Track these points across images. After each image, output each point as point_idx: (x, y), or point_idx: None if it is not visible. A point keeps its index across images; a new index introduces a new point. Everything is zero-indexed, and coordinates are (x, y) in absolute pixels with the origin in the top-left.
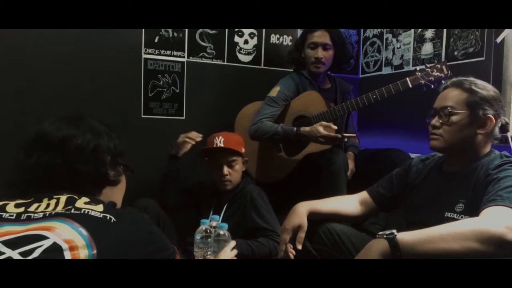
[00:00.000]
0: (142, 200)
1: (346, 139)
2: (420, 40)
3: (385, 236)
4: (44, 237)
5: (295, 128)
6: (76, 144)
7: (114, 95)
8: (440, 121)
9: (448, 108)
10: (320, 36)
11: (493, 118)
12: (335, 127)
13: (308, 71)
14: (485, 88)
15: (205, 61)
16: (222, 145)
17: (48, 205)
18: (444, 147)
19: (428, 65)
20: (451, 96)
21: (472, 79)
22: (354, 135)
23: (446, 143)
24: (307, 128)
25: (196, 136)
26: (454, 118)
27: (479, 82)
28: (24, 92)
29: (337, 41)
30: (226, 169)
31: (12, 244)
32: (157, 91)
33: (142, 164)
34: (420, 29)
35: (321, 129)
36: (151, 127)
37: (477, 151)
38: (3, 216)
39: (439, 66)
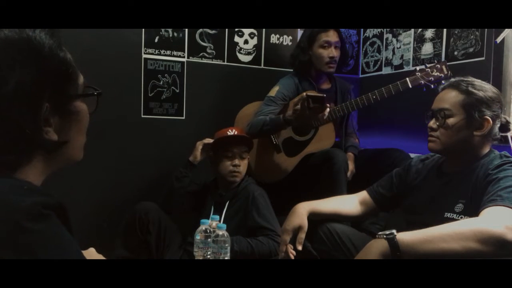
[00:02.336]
0: (143, 203)
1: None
2: (420, 40)
3: (385, 236)
4: None
5: (281, 115)
6: None
7: (114, 95)
8: (437, 123)
9: (445, 110)
10: (333, 35)
11: (490, 120)
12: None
13: (317, 71)
14: (482, 89)
15: (205, 61)
16: (237, 133)
17: None
18: (442, 149)
19: (428, 65)
20: (448, 98)
21: (470, 79)
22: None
23: (443, 145)
24: (290, 111)
25: (209, 139)
26: (450, 120)
27: (477, 83)
28: None
29: (342, 40)
30: (238, 160)
31: None
32: (157, 91)
33: (142, 164)
34: (420, 29)
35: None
36: (151, 127)
37: (475, 152)
38: None
39: (439, 66)
